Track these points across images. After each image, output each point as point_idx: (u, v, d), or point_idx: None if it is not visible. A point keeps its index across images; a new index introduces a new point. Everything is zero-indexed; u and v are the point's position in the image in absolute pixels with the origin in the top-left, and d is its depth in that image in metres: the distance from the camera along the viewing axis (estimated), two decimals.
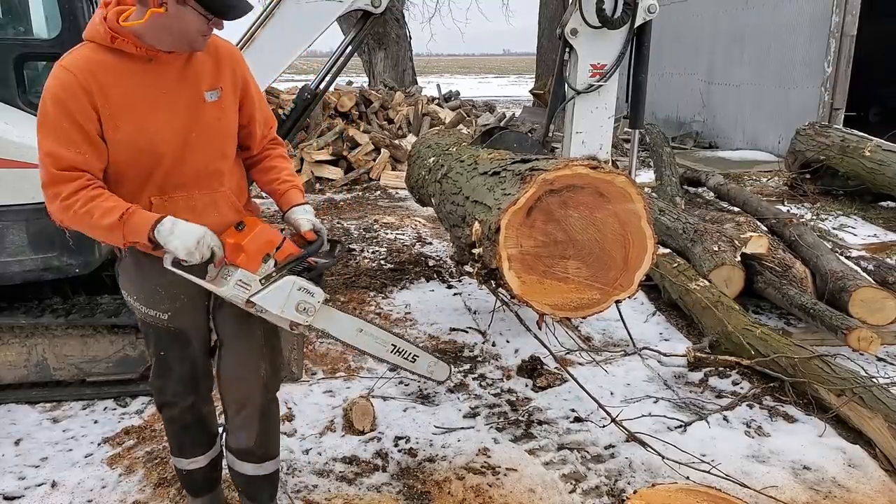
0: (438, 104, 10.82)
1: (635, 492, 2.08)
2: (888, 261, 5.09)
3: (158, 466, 2.74)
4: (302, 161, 8.23)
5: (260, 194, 3.97)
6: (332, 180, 8.33)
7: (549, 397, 3.32)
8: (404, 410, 3.17)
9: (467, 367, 3.65)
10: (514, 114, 12.80)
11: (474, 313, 4.35)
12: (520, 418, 3.14)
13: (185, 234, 1.80)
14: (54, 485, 2.63)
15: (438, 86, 13.91)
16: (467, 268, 4.75)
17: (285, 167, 2.16)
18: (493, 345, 3.90)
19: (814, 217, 6.67)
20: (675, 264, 4.40)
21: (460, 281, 4.93)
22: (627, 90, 3.92)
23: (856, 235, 6.12)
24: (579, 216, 2.44)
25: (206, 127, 1.92)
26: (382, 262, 5.42)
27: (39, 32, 3.21)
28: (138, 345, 3.12)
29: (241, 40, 3.50)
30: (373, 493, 2.61)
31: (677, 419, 3.08)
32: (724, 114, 11.89)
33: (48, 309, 3.14)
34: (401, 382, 3.44)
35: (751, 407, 3.20)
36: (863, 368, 3.29)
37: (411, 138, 8.87)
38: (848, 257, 5.00)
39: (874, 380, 3.09)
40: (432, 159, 4.20)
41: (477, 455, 2.83)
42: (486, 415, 3.17)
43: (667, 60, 13.14)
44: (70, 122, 1.73)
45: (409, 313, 4.37)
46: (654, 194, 6.57)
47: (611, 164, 3.92)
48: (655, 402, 3.26)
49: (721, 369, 3.53)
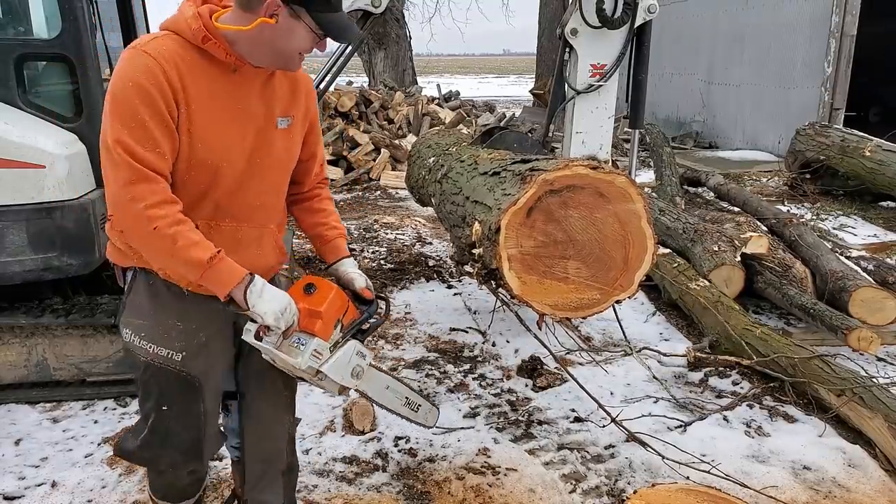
0: (438, 104, 10.82)
1: (635, 492, 2.08)
2: (888, 261, 5.09)
3: None
4: None
5: None
6: (333, 180, 8.33)
7: (549, 397, 3.32)
8: None
9: (467, 367, 3.65)
10: (514, 114, 12.80)
11: (474, 313, 4.35)
12: (520, 418, 3.14)
13: (274, 299, 1.61)
14: (54, 485, 2.63)
15: (438, 86, 13.92)
16: (467, 268, 4.75)
17: (333, 212, 2.00)
18: (493, 345, 3.90)
19: (814, 217, 6.67)
20: (675, 264, 4.40)
21: (460, 281, 4.93)
22: (627, 90, 3.92)
23: (856, 235, 6.12)
24: (579, 216, 2.44)
25: (272, 155, 1.73)
26: (382, 262, 5.42)
27: (39, 32, 3.20)
28: None
29: None
30: (373, 493, 2.61)
31: (677, 419, 3.08)
32: (724, 114, 11.89)
33: (48, 309, 3.14)
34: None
35: (751, 407, 3.20)
36: (863, 368, 3.29)
37: (411, 138, 8.87)
38: (848, 257, 4.99)
39: (874, 380, 3.09)
40: (432, 159, 4.20)
41: (477, 455, 2.83)
42: (486, 415, 3.17)
43: (667, 60, 13.15)
44: (151, 113, 1.50)
45: (409, 313, 4.37)
46: (654, 194, 6.56)
47: (611, 164, 3.92)
48: (655, 402, 3.26)
49: (721, 369, 3.53)
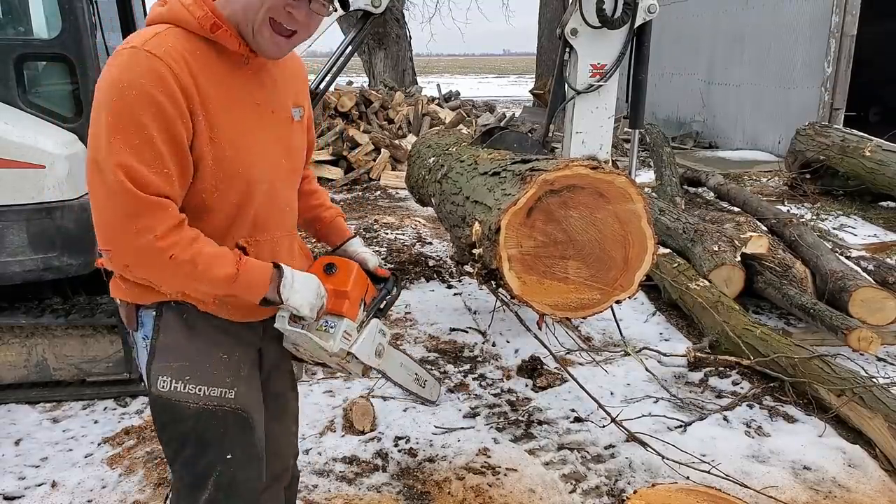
0: (438, 104, 10.82)
1: (635, 492, 2.08)
2: (888, 261, 5.09)
3: (158, 466, 2.74)
4: None
5: None
6: (332, 180, 8.34)
7: (549, 397, 3.32)
8: (404, 410, 3.17)
9: (467, 367, 3.65)
10: (514, 114, 12.80)
11: (474, 313, 4.35)
12: (520, 418, 3.14)
13: (305, 286, 1.48)
14: (54, 485, 2.63)
15: (438, 86, 13.92)
16: (467, 268, 4.75)
17: (324, 190, 1.90)
18: (493, 345, 3.90)
19: (814, 217, 6.67)
20: (675, 264, 4.40)
21: (460, 281, 4.93)
22: (627, 90, 3.92)
23: (856, 235, 6.12)
24: (579, 216, 2.44)
25: (292, 151, 1.56)
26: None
27: (39, 32, 3.20)
28: None
29: None
30: (373, 493, 2.61)
31: (677, 419, 3.08)
32: (724, 114, 11.89)
33: (48, 309, 3.14)
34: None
35: (751, 407, 3.20)
36: (863, 368, 3.29)
37: (411, 138, 8.87)
38: (848, 257, 4.99)
39: (874, 380, 3.09)
40: (432, 159, 4.20)
41: (477, 455, 2.83)
42: (486, 415, 3.17)
43: (667, 60, 13.15)
44: (161, 127, 1.27)
45: (409, 313, 4.37)
46: (654, 194, 6.56)
47: (611, 164, 3.92)
48: (655, 402, 3.26)
49: (721, 369, 3.53)
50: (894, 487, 2.62)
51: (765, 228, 5.16)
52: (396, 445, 2.90)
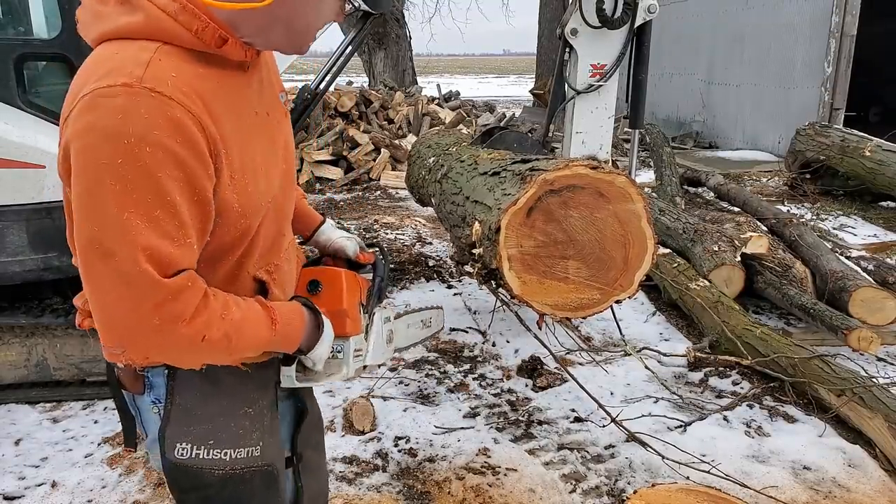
0: (438, 104, 10.82)
1: (635, 492, 2.08)
2: (888, 261, 5.09)
3: None
4: (302, 161, 8.24)
5: None
6: (332, 180, 8.34)
7: (549, 397, 3.32)
8: (404, 410, 3.17)
9: (467, 367, 3.65)
10: (514, 114, 12.80)
11: (474, 313, 4.35)
12: (520, 418, 3.14)
13: (329, 334, 1.32)
14: (54, 485, 2.63)
15: (438, 86, 13.91)
16: (467, 268, 4.74)
17: None
18: (493, 345, 3.90)
19: (814, 217, 6.67)
20: (675, 264, 4.40)
21: (460, 281, 4.93)
22: (627, 90, 3.91)
23: (856, 235, 6.12)
24: (579, 216, 2.44)
25: (290, 150, 1.33)
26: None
27: (39, 32, 3.20)
28: None
29: None
30: (373, 493, 2.61)
31: (677, 419, 3.08)
32: (724, 114, 11.89)
33: (48, 309, 3.14)
34: (401, 382, 3.44)
35: (751, 407, 3.20)
36: (863, 368, 3.29)
37: (411, 138, 8.87)
38: (848, 257, 4.99)
39: (874, 380, 3.09)
40: (432, 159, 4.20)
41: (477, 455, 2.83)
42: (486, 415, 3.17)
43: (667, 60, 13.15)
44: (182, 189, 1.01)
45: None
46: (654, 194, 6.56)
47: (611, 164, 3.92)
48: (655, 402, 3.26)
49: (721, 369, 3.53)
50: (894, 487, 2.62)
51: (765, 228, 5.16)
52: (396, 445, 2.90)
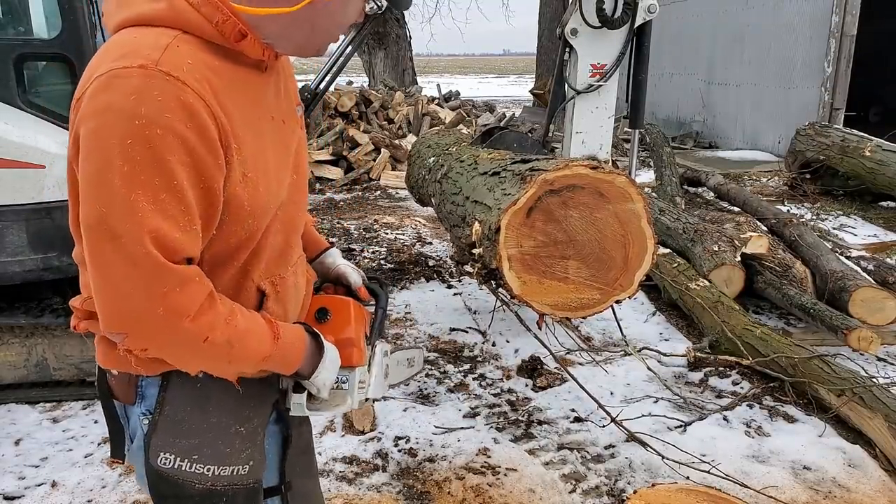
0: (438, 104, 10.82)
1: (635, 492, 2.08)
2: (888, 261, 5.09)
3: None
4: None
5: None
6: (332, 180, 8.34)
7: (549, 397, 3.32)
8: (404, 410, 3.17)
9: (467, 366, 3.65)
10: (514, 114, 12.80)
11: (474, 313, 4.35)
12: (520, 418, 3.14)
13: (334, 363, 1.29)
14: (54, 485, 2.63)
15: (438, 86, 13.92)
16: (467, 268, 4.75)
17: None
18: (493, 345, 3.90)
19: (814, 217, 6.67)
20: (675, 264, 4.40)
21: (460, 281, 4.93)
22: (627, 90, 3.92)
23: (856, 235, 6.12)
24: (579, 216, 2.44)
25: (302, 161, 1.30)
26: (382, 262, 5.42)
27: (39, 32, 3.20)
28: None
29: None
30: (373, 493, 2.61)
31: (677, 419, 3.08)
32: (724, 114, 11.89)
33: (48, 309, 3.14)
34: (401, 382, 3.44)
35: (751, 407, 3.20)
36: (863, 368, 3.29)
37: (411, 138, 8.87)
38: (848, 257, 5.00)
39: (874, 380, 3.09)
40: (432, 159, 4.20)
41: (477, 455, 2.83)
42: (486, 415, 3.17)
43: (667, 60, 13.15)
44: (190, 174, 1.00)
45: (409, 313, 4.36)
46: (654, 194, 6.57)
47: (611, 164, 3.92)
48: (655, 402, 3.26)
49: (721, 369, 3.53)
50: (894, 487, 2.62)
51: (765, 228, 5.16)
52: (396, 445, 2.90)
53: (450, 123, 9.62)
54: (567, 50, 3.78)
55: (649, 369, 3.47)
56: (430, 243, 5.95)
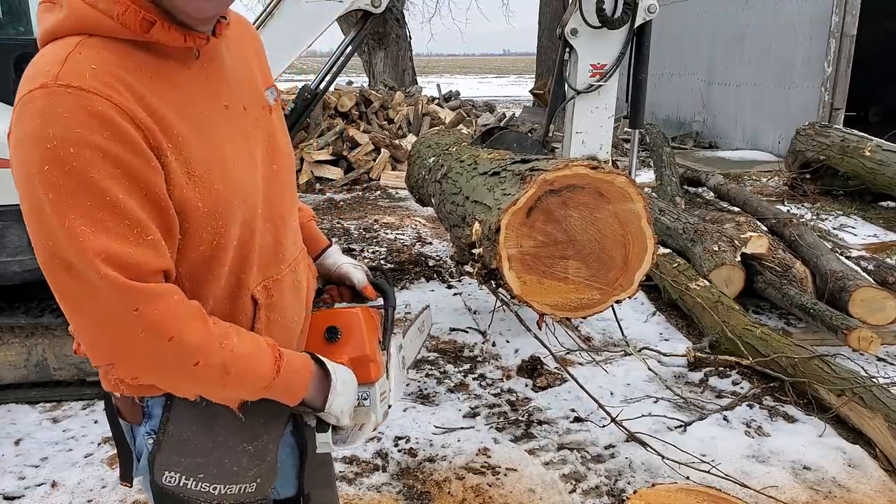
0: (438, 104, 10.83)
1: (635, 492, 2.08)
2: (888, 261, 5.09)
3: None
4: (302, 161, 8.24)
5: None
6: (332, 180, 8.34)
7: (549, 397, 3.32)
8: (404, 410, 3.17)
9: (467, 366, 3.65)
10: (514, 114, 12.80)
11: (474, 313, 4.35)
12: (520, 418, 3.14)
13: (347, 387, 1.21)
14: (54, 485, 2.63)
15: (438, 86, 13.93)
16: (467, 268, 4.75)
17: None
18: (493, 345, 3.91)
19: (814, 217, 6.67)
20: (675, 264, 4.40)
21: (460, 281, 4.93)
22: (627, 90, 3.92)
23: (856, 235, 6.12)
24: (579, 216, 2.44)
25: (281, 148, 1.22)
26: (382, 262, 5.42)
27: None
28: None
29: None
30: (373, 493, 2.61)
31: (677, 419, 3.08)
32: (724, 114, 11.90)
33: (48, 309, 3.14)
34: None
35: (751, 407, 3.20)
36: (863, 368, 3.29)
37: (411, 138, 8.87)
38: (848, 257, 5.00)
39: (874, 380, 3.09)
40: (432, 159, 4.20)
41: (477, 455, 2.83)
42: (486, 415, 3.17)
43: (667, 60, 13.15)
44: (122, 184, 0.93)
45: (409, 313, 4.37)
46: (654, 194, 6.57)
47: (611, 164, 3.92)
48: (655, 402, 3.26)
49: (721, 369, 3.53)
50: (894, 487, 2.62)
51: (765, 228, 5.16)
52: (396, 445, 2.90)
53: (450, 123, 9.62)
54: (567, 50, 3.78)
55: (649, 369, 3.47)
56: (430, 243, 5.95)
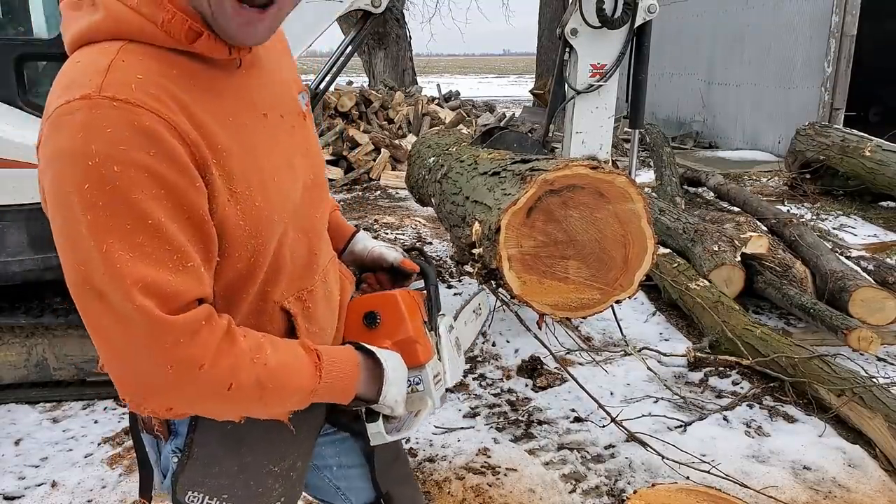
0: (438, 104, 10.83)
1: (635, 492, 2.08)
2: (888, 261, 5.09)
3: None
4: None
5: None
6: (333, 180, 8.34)
7: (549, 397, 3.32)
8: None
9: (467, 366, 3.65)
10: (514, 114, 12.80)
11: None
12: (520, 418, 3.14)
13: (398, 372, 1.15)
14: (54, 485, 2.63)
15: (438, 86, 13.93)
16: (467, 268, 4.75)
17: None
18: (493, 345, 3.90)
19: (814, 217, 6.67)
20: (675, 264, 4.40)
21: (460, 281, 4.93)
22: (627, 90, 3.92)
23: (856, 235, 6.12)
24: (579, 216, 2.44)
25: (314, 155, 1.16)
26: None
27: (39, 32, 3.20)
28: None
29: None
30: None
31: (677, 419, 3.08)
32: (724, 114, 11.90)
33: (48, 309, 3.14)
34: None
35: (751, 407, 3.20)
36: (863, 368, 3.29)
37: (411, 138, 8.87)
38: (848, 257, 4.99)
39: (874, 380, 3.09)
40: (432, 159, 4.20)
41: (477, 455, 2.83)
42: (486, 415, 3.17)
43: (667, 60, 13.15)
44: (166, 206, 0.87)
45: None
46: (654, 194, 6.57)
47: (611, 164, 3.92)
48: (655, 402, 3.26)
49: (721, 369, 3.53)
50: (894, 487, 2.62)
51: (765, 228, 5.16)
52: None
53: (450, 123, 9.62)
54: (567, 50, 3.78)
55: (649, 369, 3.47)
56: (430, 243, 5.95)
